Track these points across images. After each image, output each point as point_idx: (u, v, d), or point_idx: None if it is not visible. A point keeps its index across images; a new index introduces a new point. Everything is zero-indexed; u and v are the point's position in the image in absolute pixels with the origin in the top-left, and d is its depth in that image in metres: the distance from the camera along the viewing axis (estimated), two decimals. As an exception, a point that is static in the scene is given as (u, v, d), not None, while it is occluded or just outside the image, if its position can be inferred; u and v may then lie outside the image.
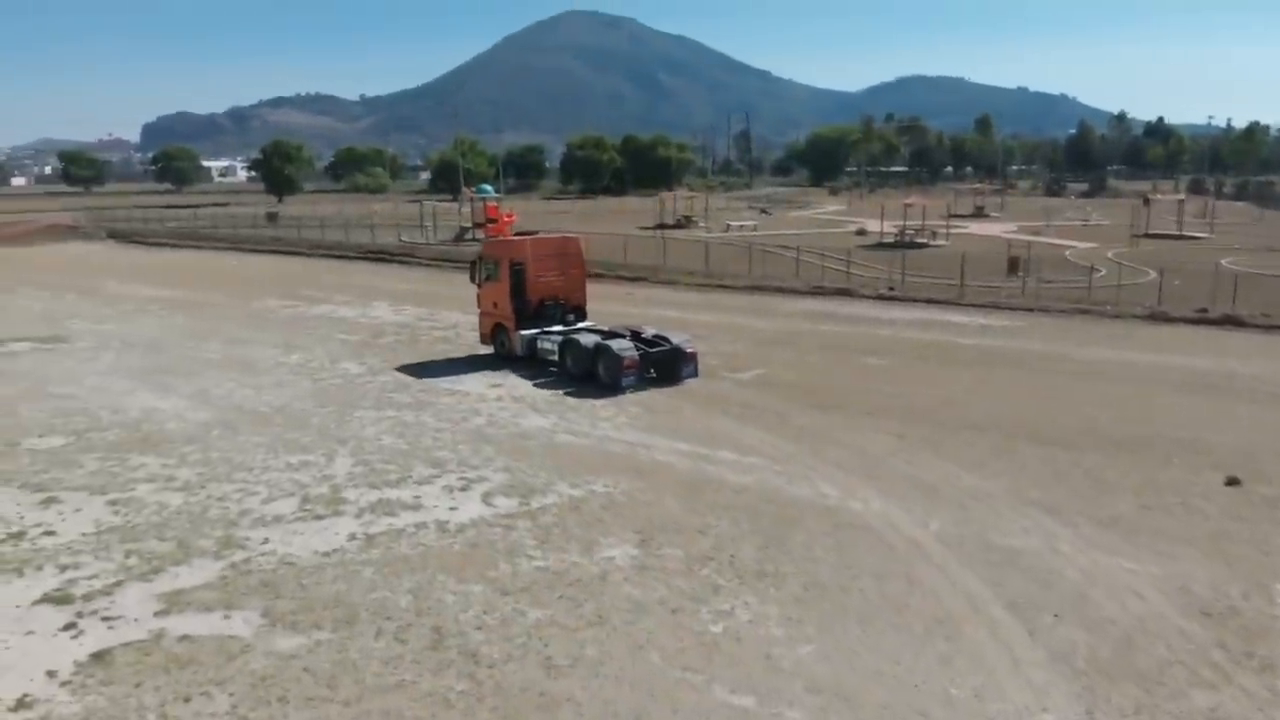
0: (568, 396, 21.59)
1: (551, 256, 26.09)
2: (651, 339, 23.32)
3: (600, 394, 21.68)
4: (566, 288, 26.06)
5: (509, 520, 14.15)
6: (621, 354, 22.04)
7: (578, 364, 23.14)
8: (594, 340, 23.09)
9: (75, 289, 43.97)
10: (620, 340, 22.82)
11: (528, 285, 25.38)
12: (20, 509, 15.07)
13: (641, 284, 42.33)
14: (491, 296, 26.29)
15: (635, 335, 23.40)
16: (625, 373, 21.95)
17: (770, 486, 15.44)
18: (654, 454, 17.20)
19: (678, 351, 22.92)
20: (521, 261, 25.52)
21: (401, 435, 18.83)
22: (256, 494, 15.58)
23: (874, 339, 28.45)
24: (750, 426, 18.97)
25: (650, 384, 22.54)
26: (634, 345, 22.62)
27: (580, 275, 26.58)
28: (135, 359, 26.94)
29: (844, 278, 40.56)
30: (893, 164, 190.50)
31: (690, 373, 22.94)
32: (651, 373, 22.85)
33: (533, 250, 26.03)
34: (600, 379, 22.42)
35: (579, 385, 22.47)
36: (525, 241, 26.47)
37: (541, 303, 25.58)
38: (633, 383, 22.06)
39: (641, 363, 22.40)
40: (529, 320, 25.37)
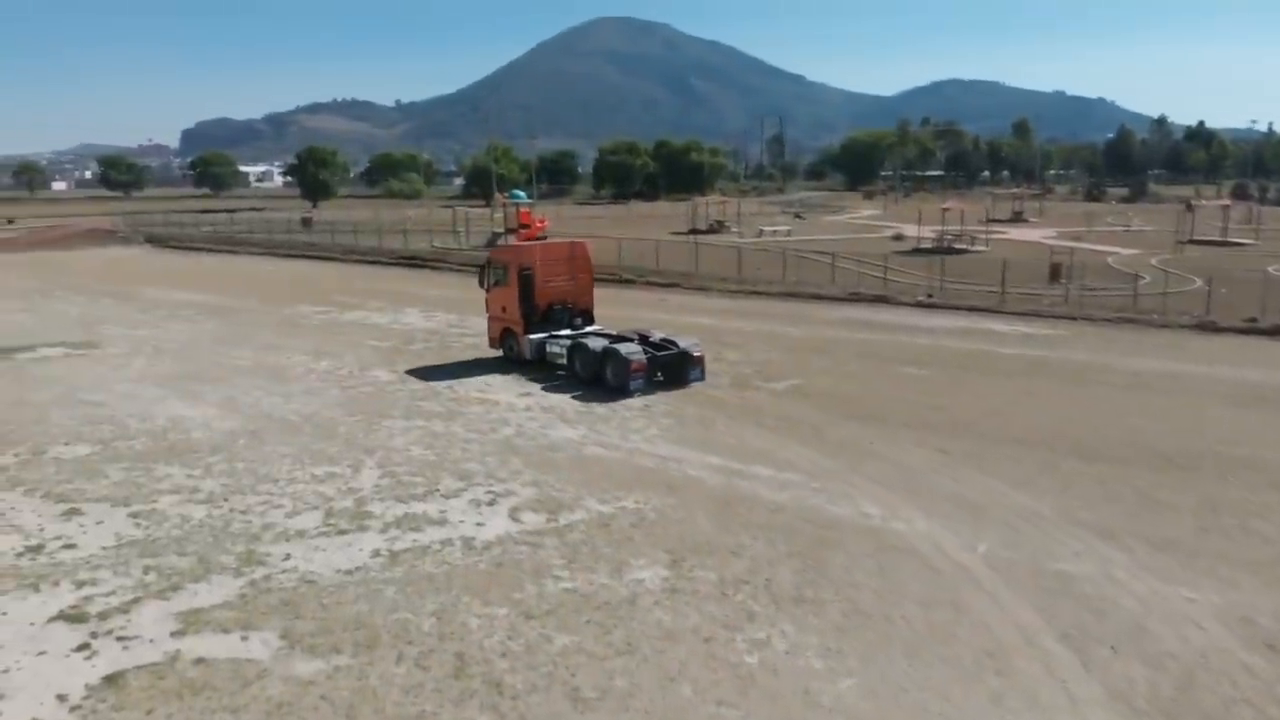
0: (597, 406, 21.12)
1: (559, 261, 26.16)
2: (659, 343, 23.42)
3: (631, 405, 21.20)
4: (574, 292, 26.23)
5: (536, 537, 13.69)
6: (629, 358, 22.13)
7: (586, 368, 23.28)
8: (602, 344, 23.20)
9: (111, 293, 44.21)
10: (628, 344, 22.87)
11: (536, 290, 25.50)
12: (41, 520, 14.84)
13: (674, 290, 41.83)
14: (500, 301, 26.36)
15: (643, 339, 23.46)
16: (633, 376, 22.04)
17: (808, 505, 14.86)
18: (685, 469, 16.67)
19: (685, 355, 23.06)
20: (530, 266, 25.57)
21: (430, 446, 18.45)
22: (281, 507, 15.24)
23: (913, 348, 27.73)
24: (786, 439, 18.38)
25: (664, 389, 22.09)
26: (641, 349, 22.69)
27: (588, 280, 26.65)
28: (166, 365, 26.83)
29: (881, 284, 39.81)
30: (928, 168, 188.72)
31: (697, 376, 23.08)
32: (659, 376, 22.96)
33: (541, 255, 26.09)
34: (608, 382, 22.50)
35: (610, 395, 21.99)
36: (534, 246, 26.54)
37: (549, 307, 25.71)
38: (640, 386, 22.15)
39: (649, 366, 22.47)
40: (537, 324, 25.51)
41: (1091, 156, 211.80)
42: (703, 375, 23.22)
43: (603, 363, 22.76)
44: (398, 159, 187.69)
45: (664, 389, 22.48)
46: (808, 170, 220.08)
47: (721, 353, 26.89)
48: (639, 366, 22.12)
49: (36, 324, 34.93)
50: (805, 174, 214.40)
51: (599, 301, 27.03)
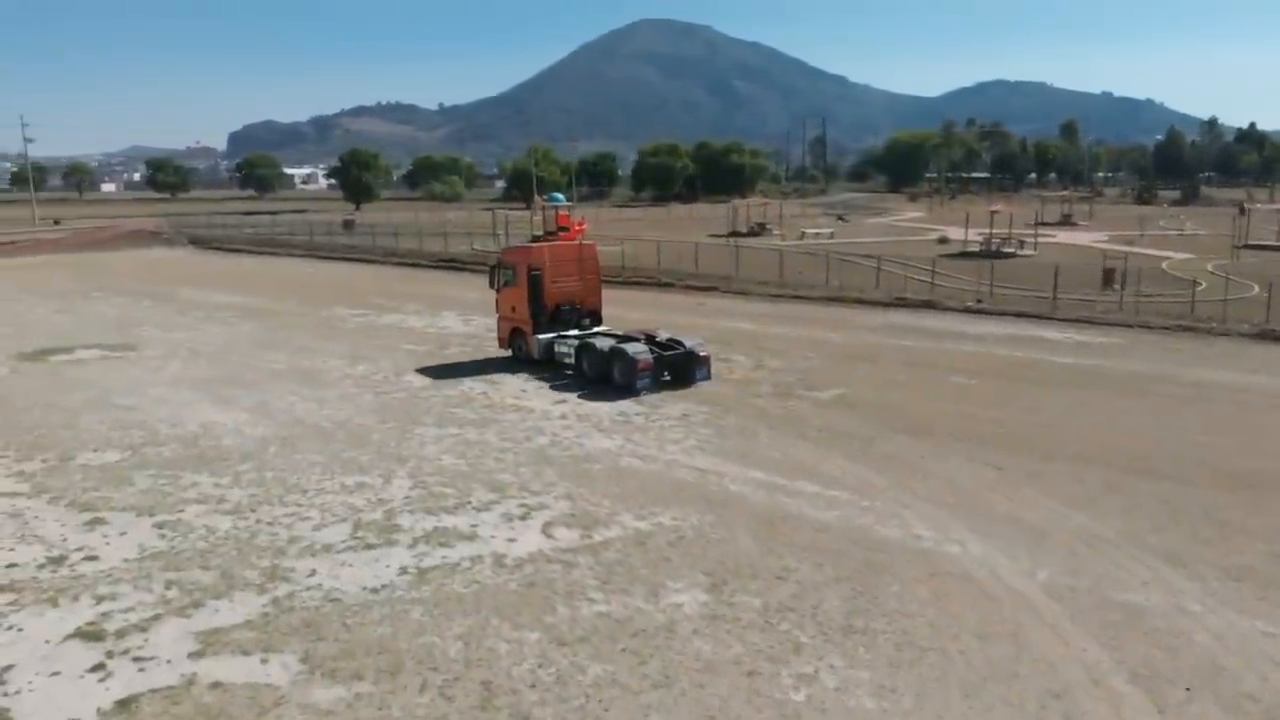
0: (634, 415, 20.49)
1: (568, 262, 26.47)
2: (665, 343, 23.67)
3: (669, 415, 20.55)
4: (583, 293, 26.57)
5: (569, 555, 13.09)
6: (636, 357, 22.45)
7: (594, 367, 23.60)
8: (609, 344, 23.52)
9: (151, 295, 44.38)
10: (635, 344, 23.12)
11: (545, 290, 25.82)
12: (65, 530, 14.51)
13: (712, 294, 41.12)
14: (510, 301, 26.75)
15: (650, 339, 23.76)
16: (640, 375, 22.35)
17: (856, 525, 14.10)
18: (726, 483, 15.98)
19: (691, 355, 23.35)
20: (539, 267, 25.86)
21: (462, 455, 17.95)
22: (308, 519, 14.79)
23: (962, 356, 26.80)
24: (831, 453, 17.61)
25: (703, 401, 21.40)
26: (648, 349, 22.98)
27: (596, 280, 27.07)
28: (201, 369, 26.63)
29: (928, 289, 38.81)
30: (974, 170, 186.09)
31: (703, 375, 23.37)
32: (666, 376, 23.18)
33: (550, 256, 26.21)
34: (615, 381, 22.79)
35: (648, 406, 21.38)
36: (543, 248, 26.75)
37: (558, 307, 26.03)
38: (647, 385, 22.43)
39: (656, 365, 22.76)
40: (546, 325, 25.82)
41: (1140, 159, 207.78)
42: (709, 375, 23.44)
43: (610, 362, 23.08)
44: (439, 162, 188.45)
45: (704, 401, 21.82)
46: (850, 172, 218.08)
47: (763, 359, 26.21)
48: (645, 366, 22.41)
49: (75, 325, 35.02)
50: (848, 175, 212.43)
51: (635, 304, 26.63)
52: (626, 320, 29.60)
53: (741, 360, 26.18)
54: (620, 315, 33.88)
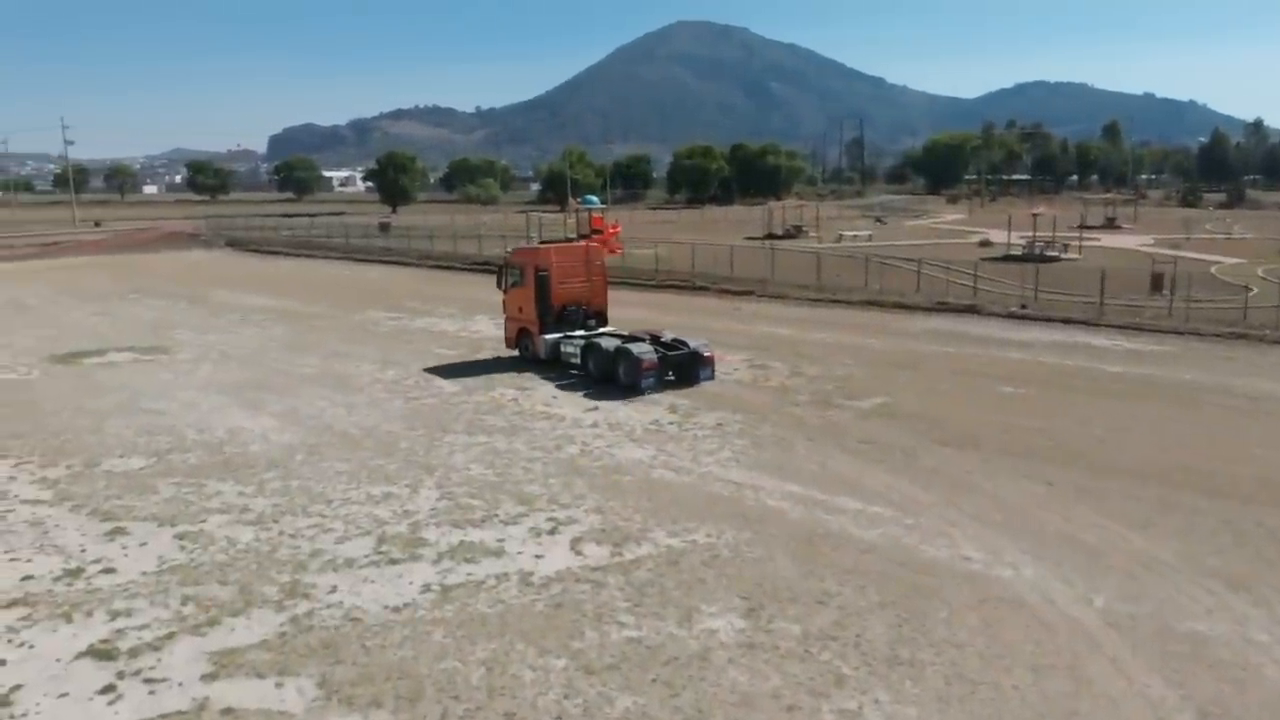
0: (668, 426, 19.89)
1: (574, 264, 26.85)
2: (670, 343, 24.04)
3: (703, 424, 19.94)
4: (589, 294, 27.00)
5: (599, 574, 12.53)
6: (641, 357, 22.75)
7: (599, 367, 24.00)
8: (614, 344, 23.84)
9: (186, 297, 44.48)
10: (640, 344, 23.47)
11: (552, 291, 26.20)
12: (84, 540, 14.19)
13: (748, 298, 40.43)
14: (517, 302, 27.13)
15: (655, 339, 24.11)
16: (644, 374, 22.67)
17: (901, 544, 13.41)
18: (763, 498, 15.34)
19: (695, 355, 23.75)
20: (546, 268, 26.20)
21: (491, 465, 17.46)
22: (331, 531, 14.37)
23: (1008, 364, 25.93)
24: (873, 467, 16.90)
25: (702, 397, 20.77)
26: (653, 349, 23.28)
27: (602, 282, 27.46)
28: (231, 373, 26.42)
29: (970, 293, 37.85)
30: (1014, 172, 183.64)
31: (708, 375, 23.74)
32: (670, 375, 23.51)
33: (556, 258, 26.55)
34: (620, 381, 23.09)
35: (682, 414, 20.78)
36: (549, 249, 27.07)
37: (564, 308, 26.44)
38: (651, 384, 22.75)
39: (661, 365, 23.08)
40: (552, 325, 26.24)
41: (1184, 161, 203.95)
42: (713, 375, 23.85)
43: (615, 362, 23.37)
44: (475, 164, 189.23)
45: (739, 409, 21.20)
46: (888, 173, 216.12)
47: (800, 366, 25.51)
48: (650, 365, 22.73)
49: (110, 327, 35.06)
50: (885, 177, 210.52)
51: (668, 308, 26.19)
52: (660, 324, 29.02)
53: (778, 367, 25.51)
54: (653, 319, 33.34)
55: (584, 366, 24.56)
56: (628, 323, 27.84)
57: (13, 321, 37.30)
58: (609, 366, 23.59)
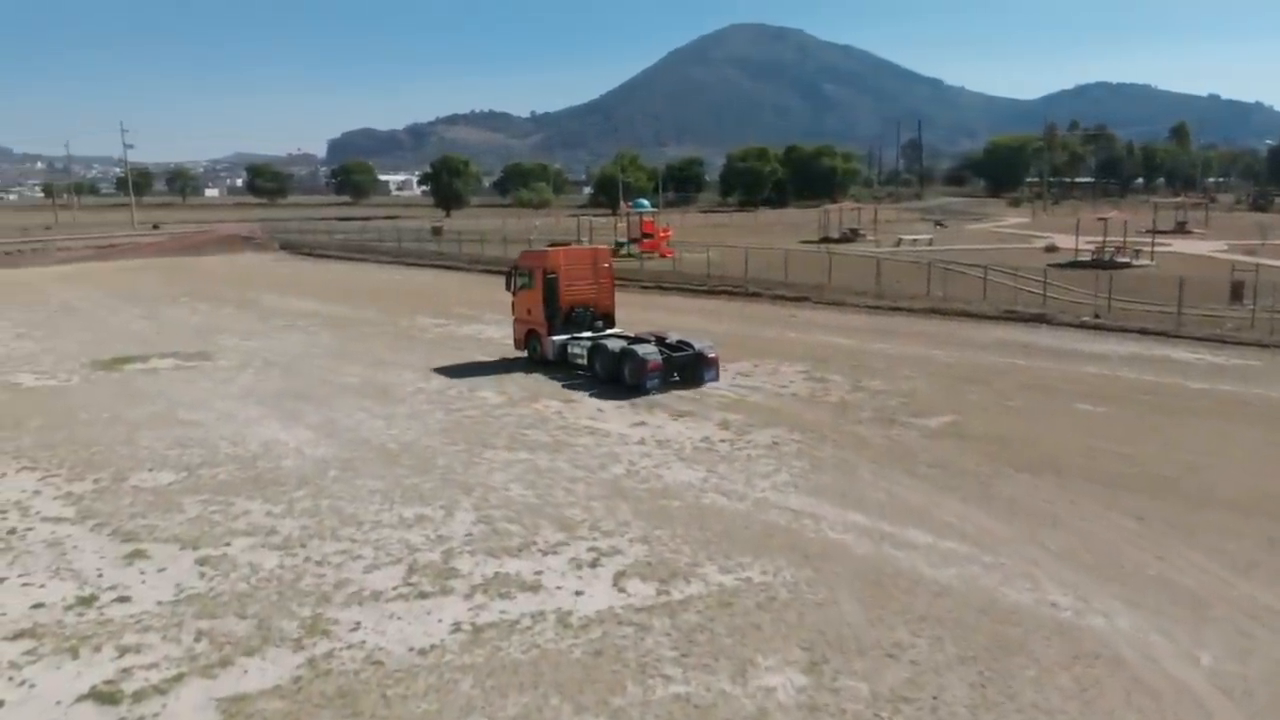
0: (720, 444, 18.68)
1: (582, 266, 27.21)
2: (675, 344, 24.41)
3: (757, 443, 18.70)
4: (596, 296, 27.27)
5: (644, 616, 11.39)
6: (646, 358, 23.15)
7: (605, 367, 24.35)
8: (620, 345, 24.27)
9: (235, 301, 44.30)
10: (645, 345, 23.91)
11: (559, 293, 26.49)
12: (102, 564, 13.41)
13: (804, 304, 39.06)
14: (525, 304, 27.54)
15: (660, 340, 24.52)
16: (649, 375, 23.05)
17: (980, 587, 12.07)
18: (824, 529, 14.07)
19: (700, 356, 24.01)
20: (554, 271, 26.51)
21: (532, 485, 16.44)
22: (360, 558, 13.42)
23: (1084, 378, 24.29)
24: (945, 495, 15.53)
25: (759, 414, 19.49)
26: (658, 350, 23.65)
27: (609, 284, 27.73)
28: (272, 381, 25.78)
29: (1039, 301, 36.07)
30: (1077, 174, 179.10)
31: (712, 377, 23.98)
32: (675, 376, 23.85)
33: (564, 260, 26.94)
34: (626, 381, 23.47)
35: (734, 432, 19.55)
36: (558, 252, 27.59)
37: (572, 310, 26.74)
38: (656, 385, 23.14)
39: (666, 366, 23.43)
40: (560, 327, 26.56)
41: (1253, 163, 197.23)
42: (717, 376, 24.10)
43: (620, 362, 23.79)
44: (528, 168, 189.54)
45: (797, 428, 19.94)
46: (947, 176, 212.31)
47: (861, 379, 24.14)
48: (655, 366, 23.12)
49: (155, 332, 34.79)
50: (944, 180, 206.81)
51: (719, 316, 25.29)
52: (711, 333, 27.94)
53: (838, 380, 24.17)
54: (704, 328, 32.21)
55: (590, 367, 25.00)
56: (678, 331, 26.70)
57: (61, 325, 37.27)
58: (614, 367, 23.97)
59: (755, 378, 24.74)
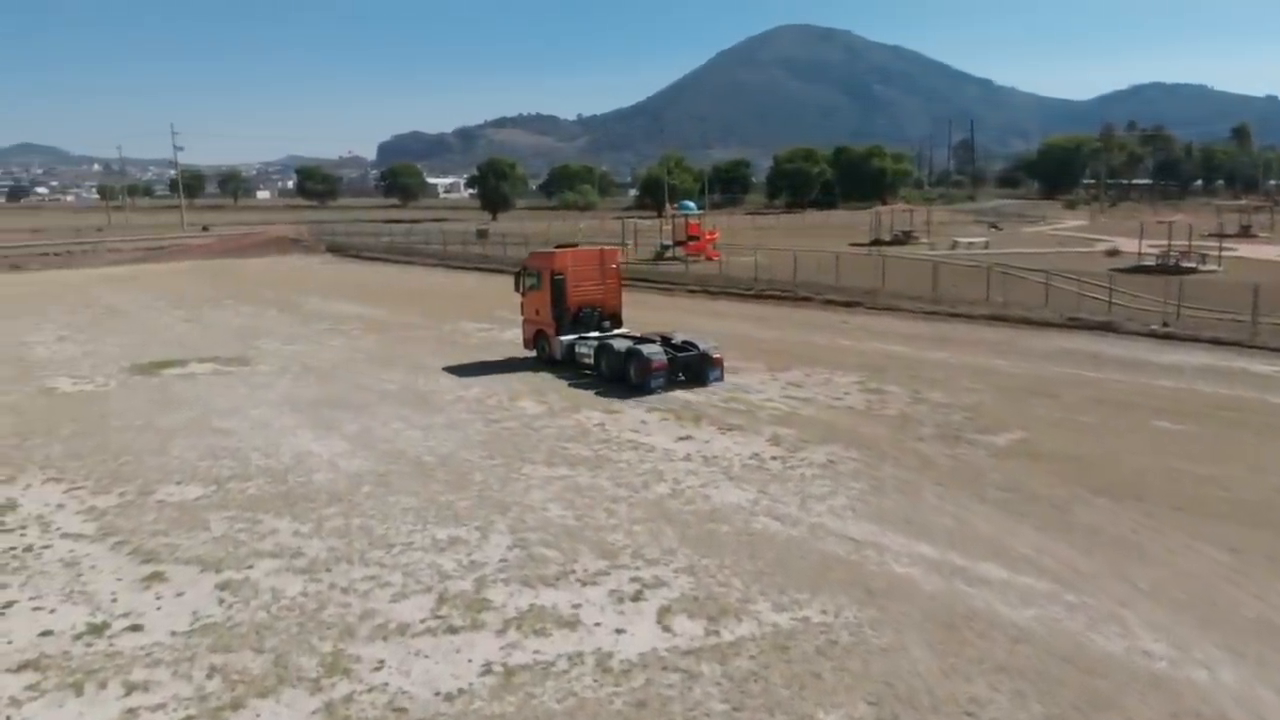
0: (771, 462, 17.58)
1: (590, 267, 27.44)
2: (680, 344, 24.76)
3: (812, 461, 17.58)
4: (603, 297, 27.52)
5: (691, 660, 10.37)
6: (651, 357, 23.51)
7: (611, 367, 24.66)
8: (626, 345, 24.58)
9: (279, 304, 44.05)
10: (650, 345, 24.22)
11: (567, 294, 26.76)
12: (118, 587, 12.71)
13: (856, 310, 37.75)
14: (534, 304, 27.89)
15: (665, 340, 24.88)
16: (654, 374, 23.41)
17: (1064, 631, 10.87)
18: (888, 561, 12.92)
19: (704, 356, 24.34)
20: (562, 272, 26.80)
21: (571, 505, 15.50)
22: (388, 586, 12.57)
23: (1158, 392, 22.80)
24: (1019, 522, 14.29)
25: (803, 427, 18.31)
26: (663, 349, 24.04)
27: (616, 285, 27.95)
28: (310, 388, 25.16)
29: (1104, 308, 34.41)
30: (1134, 176, 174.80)
31: (716, 376, 24.29)
32: (681, 376, 24.14)
33: (572, 261, 27.25)
34: (631, 380, 23.77)
35: (786, 449, 18.42)
36: (566, 253, 27.83)
37: (579, 310, 27.01)
38: (661, 384, 23.47)
39: (671, 366, 23.80)
40: (568, 327, 26.87)
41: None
42: (721, 376, 24.39)
43: (626, 362, 24.13)
44: (574, 171, 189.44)
45: (854, 444, 18.79)
46: (1000, 177, 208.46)
47: (920, 391, 22.88)
48: (660, 365, 23.49)
49: (197, 335, 34.48)
50: (996, 181, 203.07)
51: (767, 322, 24.39)
52: (759, 340, 26.91)
53: (895, 391, 22.93)
54: (751, 334, 31.18)
55: (596, 367, 25.30)
56: (724, 337, 25.74)
57: (103, 328, 37.17)
58: (620, 367, 24.30)
59: (807, 388, 23.60)
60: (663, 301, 42.74)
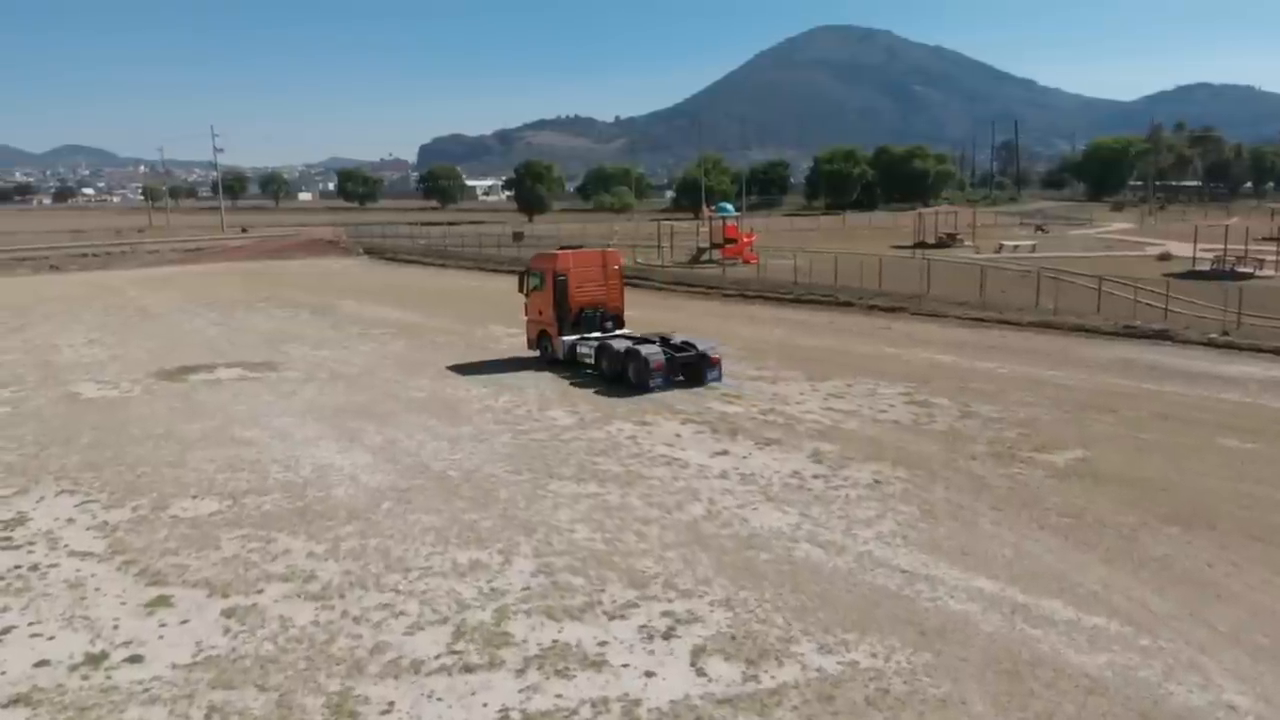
0: (813, 480, 16.58)
1: (592, 268, 27.79)
2: (679, 345, 25.03)
3: (857, 481, 16.56)
4: (606, 297, 27.90)
5: (728, 711, 9.43)
6: (649, 357, 23.87)
7: (611, 366, 25.05)
8: (625, 345, 24.97)
9: (312, 307, 43.71)
10: (649, 345, 24.57)
11: (570, 295, 27.13)
12: (120, 613, 12.03)
13: (899, 315, 36.58)
14: (537, 305, 28.32)
15: (664, 341, 25.21)
16: (652, 374, 23.74)
17: (1139, 681, 9.79)
18: (942, 596, 11.88)
19: (703, 357, 24.62)
20: (564, 273, 27.12)
21: (600, 526, 14.64)
22: (404, 615, 11.78)
23: (1223, 407, 21.47)
24: (1084, 553, 13.17)
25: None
26: (661, 350, 24.33)
27: (618, 286, 28.28)
28: (336, 395, 24.56)
29: (1159, 315, 32.97)
30: (1182, 178, 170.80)
31: (715, 377, 24.57)
32: (680, 376, 24.38)
33: (575, 262, 27.58)
34: (630, 380, 24.19)
35: (829, 466, 17.40)
36: (568, 254, 28.16)
37: (581, 311, 27.37)
38: (660, 384, 23.78)
39: (669, 366, 24.07)
40: (570, 327, 27.24)
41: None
42: (720, 376, 24.64)
43: (625, 362, 24.54)
44: (610, 173, 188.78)
45: (901, 462, 17.74)
46: (1044, 179, 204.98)
47: (970, 404, 21.75)
48: (658, 365, 23.81)
49: (226, 339, 34.12)
50: (1040, 183, 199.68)
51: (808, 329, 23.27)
52: (800, 347, 25.91)
53: (943, 404, 21.81)
54: (791, 341, 30.20)
55: (597, 366, 25.65)
56: (762, 344, 24.74)
57: (134, 331, 36.97)
58: (619, 366, 24.69)
59: (850, 400, 22.57)
60: (698, 306, 41.83)
